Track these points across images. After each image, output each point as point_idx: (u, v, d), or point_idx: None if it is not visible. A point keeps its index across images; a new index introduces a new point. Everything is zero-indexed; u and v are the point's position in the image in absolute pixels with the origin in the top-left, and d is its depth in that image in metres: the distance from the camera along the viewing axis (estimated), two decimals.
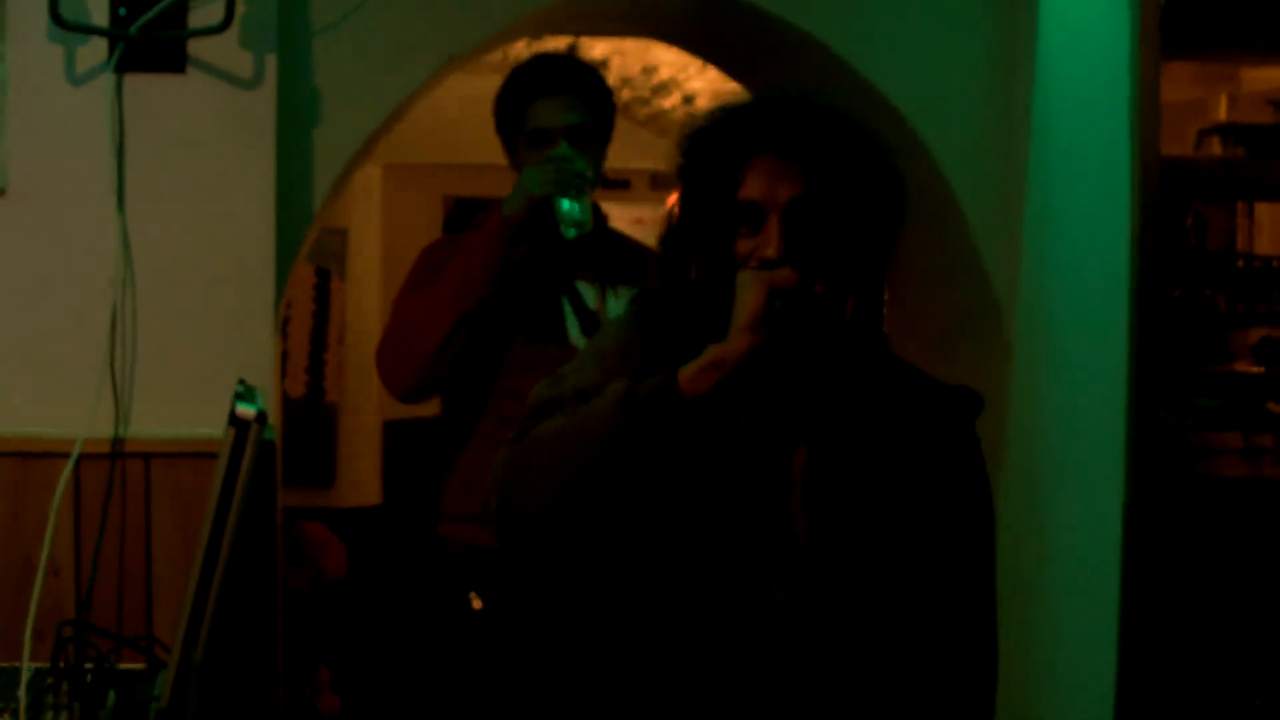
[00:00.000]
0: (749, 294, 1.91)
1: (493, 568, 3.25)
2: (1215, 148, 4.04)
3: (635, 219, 6.46)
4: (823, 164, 1.96)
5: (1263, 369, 4.01)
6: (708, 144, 2.04)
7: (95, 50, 3.28)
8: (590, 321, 3.33)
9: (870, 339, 2.09)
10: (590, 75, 3.45)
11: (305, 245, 3.57)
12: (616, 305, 3.32)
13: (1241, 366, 4.10)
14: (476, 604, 3.27)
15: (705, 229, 2.02)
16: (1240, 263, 4.11)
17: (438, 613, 3.42)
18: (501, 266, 3.21)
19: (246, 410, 2.38)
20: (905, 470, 2.04)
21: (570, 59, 3.52)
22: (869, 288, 2.06)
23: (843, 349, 2.04)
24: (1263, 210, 4.76)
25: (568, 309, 3.34)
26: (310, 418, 6.76)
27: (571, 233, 3.26)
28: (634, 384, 1.96)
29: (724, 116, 2.05)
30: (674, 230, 2.08)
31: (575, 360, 2.15)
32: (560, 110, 3.34)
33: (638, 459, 1.93)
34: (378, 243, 7.12)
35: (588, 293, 3.37)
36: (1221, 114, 4.88)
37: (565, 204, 3.24)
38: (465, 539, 3.32)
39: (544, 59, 3.50)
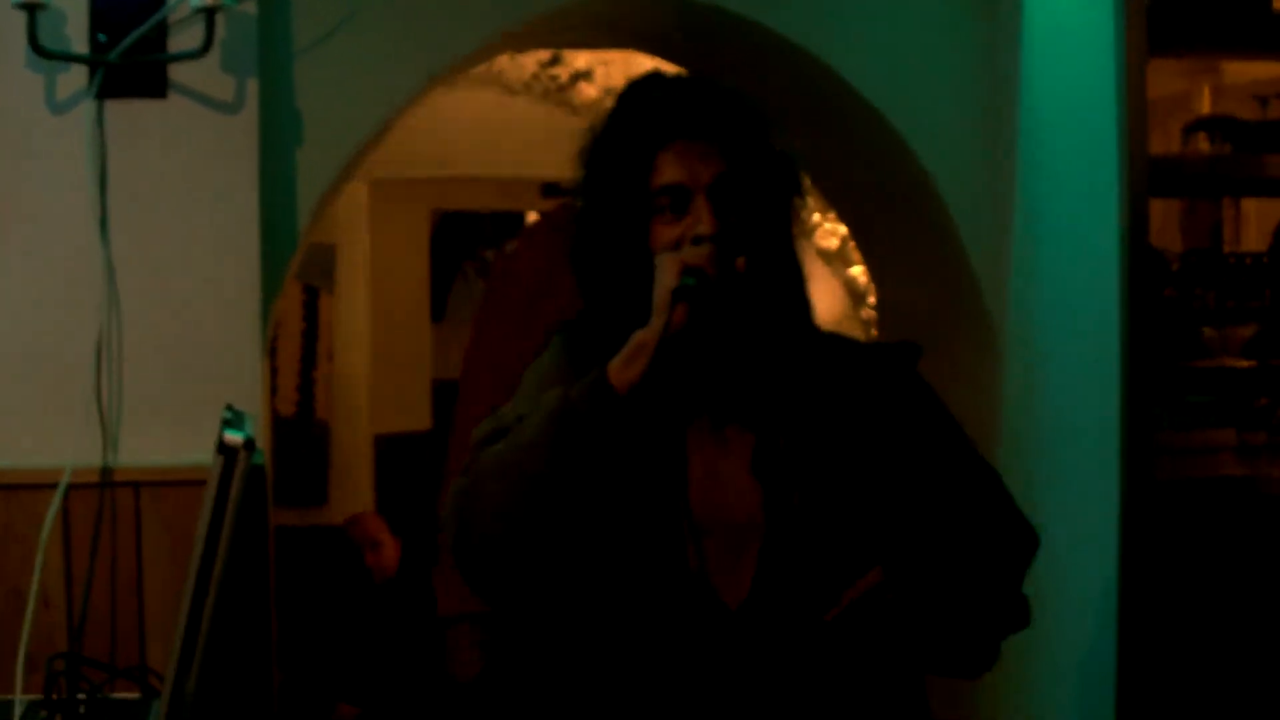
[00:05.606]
0: (664, 274, 1.90)
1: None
2: (1202, 143, 4.03)
3: None
4: (738, 142, 1.98)
5: (1254, 363, 4.01)
6: (616, 136, 2.02)
7: (76, 77, 3.27)
8: None
9: (797, 312, 2.07)
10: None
11: (291, 267, 3.55)
12: None
13: (1231, 362, 4.10)
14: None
15: (621, 223, 1.99)
16: (1231, 259, 4.10)
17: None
18: None
19: (234, 437, 2.37)
20: (862, 432, 2.02)
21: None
22: (788, 261, 2.04)
23: (772, 325, 2.01)
24: (1248, 205, 4.77)
25: None
26: (301, 436, 6.74)
27: None
28: (566, 391, 1.92)
29: (629, 107, 2.03)
30: (583, 237, 2.05)
31: (512, 400, 2.09)
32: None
33: (581, 463, 1.88)
34: (366, 258, 7.11)
35: None
36: (1205, 106, 4.88)
37: None
38: None
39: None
